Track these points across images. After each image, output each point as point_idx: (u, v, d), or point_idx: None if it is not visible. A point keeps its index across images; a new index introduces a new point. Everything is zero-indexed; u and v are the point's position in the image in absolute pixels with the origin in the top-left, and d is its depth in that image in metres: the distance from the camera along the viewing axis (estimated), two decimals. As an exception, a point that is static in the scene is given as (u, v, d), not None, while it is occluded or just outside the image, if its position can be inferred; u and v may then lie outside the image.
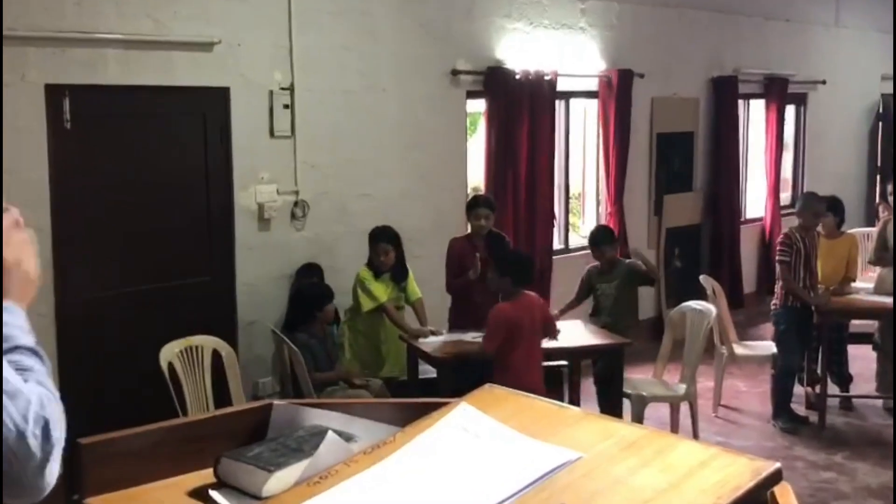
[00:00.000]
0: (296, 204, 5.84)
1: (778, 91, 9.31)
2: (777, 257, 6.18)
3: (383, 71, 6.19)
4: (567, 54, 7.36)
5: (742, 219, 9.23)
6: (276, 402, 1.67)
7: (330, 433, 1.46)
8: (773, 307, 6.28)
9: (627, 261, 6.02)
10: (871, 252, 6.56)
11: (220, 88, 5.47)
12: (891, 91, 11.19)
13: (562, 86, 7.23)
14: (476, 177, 7.36)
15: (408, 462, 1.38)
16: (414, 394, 4.96)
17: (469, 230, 5.79)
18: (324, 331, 5.36)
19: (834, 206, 6.49)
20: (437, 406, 1.52)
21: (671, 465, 1.35)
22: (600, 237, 5.99)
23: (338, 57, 5.94)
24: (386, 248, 5.55)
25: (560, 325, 5.50)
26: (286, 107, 5.72)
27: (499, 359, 4.82)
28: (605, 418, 1.52)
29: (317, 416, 1.63)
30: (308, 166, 5.88)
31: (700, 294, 6.81)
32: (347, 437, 1.53)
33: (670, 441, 1.42)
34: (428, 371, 5.44)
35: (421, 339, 5.38)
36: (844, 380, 6.63)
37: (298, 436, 1.56)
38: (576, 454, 1.38)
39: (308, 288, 5.44)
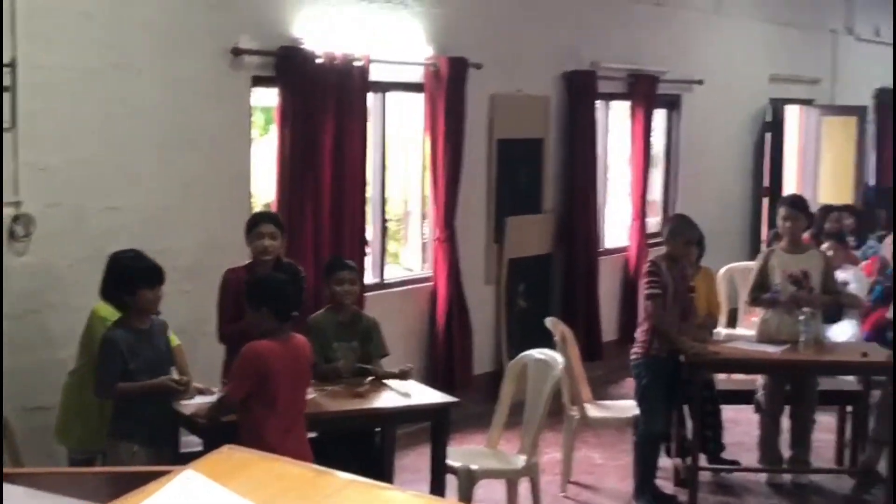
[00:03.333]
0: (16, 219, 5.62)
1: (645, 91, 9.76)
2: (645, 291, 6.43)
3: (138, 45, 6.08)
4: (384, 35, 7.46)
5: (601, 249, 9.60)
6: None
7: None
8: (633, 357, 6.53)
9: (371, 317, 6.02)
10: (749, 291, 6.93)
11: (-90, 61, 5.22)
12: (780, 95, 11.97)
13: (377, 75, 7.31)
14: (267, 191, 7.32)
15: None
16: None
17: (251, 259, 5.73)
18: (148, 323, 5.12)
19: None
20: (155, 476, 1.50)
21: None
22: (336, 263, 5.98)
23: (76, 25, 5.80)
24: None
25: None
26: (6, 90, 5.53)
27: (247, 418, 4.79)
28: (375, 486, 1.53)
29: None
30: (34, 169, 5.68)
31: (550, 341, 7.00)
32: (34, 519, 1.48)
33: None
34: (192, 443, 5.33)
35: (182, 401, 5.27)
36: (718, 449, 6.95)
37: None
38: (333, 533, 1.38)
39: (123, 259, 5.15)
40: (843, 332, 7.71)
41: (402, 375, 5.79)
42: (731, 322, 8.98)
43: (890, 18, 14.60)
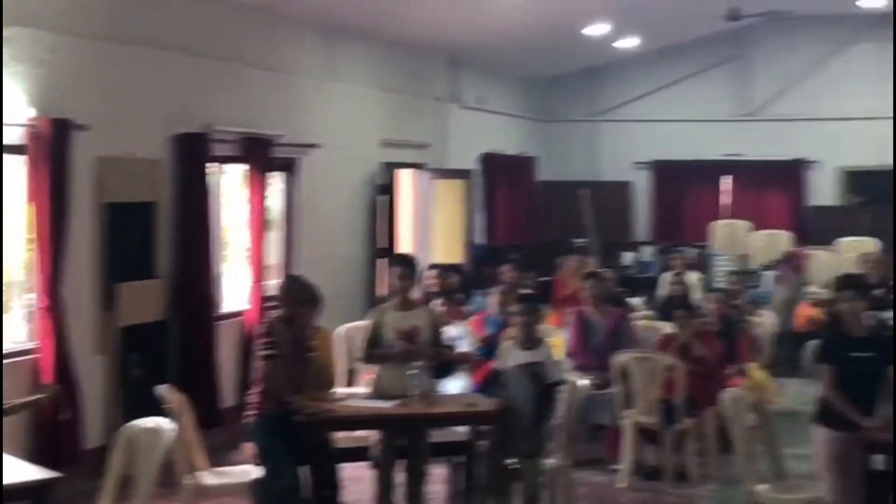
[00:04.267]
0: None
1: (260, 155, 9.80)
2: (261, 352, 6.42)
3: None
4: (-22, 95, 7.08)
5: (218, 313, 9.48)
6: None
7: None
8: (248, 419, 6.48)
9: None
10: (363, 349, 7.07)
11: None
12: (392, 159, 12.40)
13: (-30, 136, 6.92)
14: None
15: None
16: None
17: None
18: None
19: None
20: None
21: None
22: None
23: None
24: None
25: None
26: None
27: None
28: None
29: None
30: None
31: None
32: None
33: None
34: None
35: None
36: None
37: None
38: None
39: None
40: (453, 385, 8.03)
41: (48, 398, 5.52)
42: (350, 381, 9.10)
43: (493, 89, 15.63)
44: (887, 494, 6.19)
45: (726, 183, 17.03)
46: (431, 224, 12.77)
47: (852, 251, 13.87)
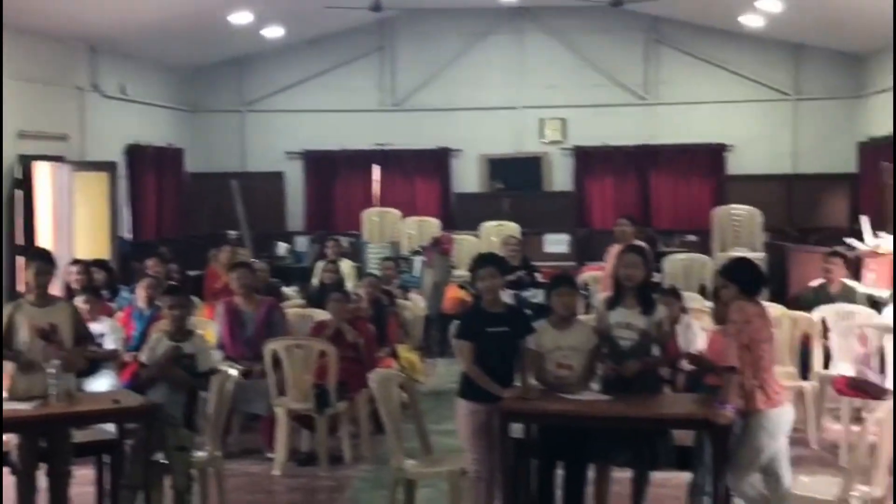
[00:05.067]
0: None
1: None
2: None
3: None
4: None
5: None
6: None
7: None
8: None
9: None
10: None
11: None
12: (29, 152, 11.83)
13: None
14: None
15: None
16: None
17: None
18: None
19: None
20: None
21: None
22: None
23: None
24: None
25: None
26: None
27: None
28: None
29: None
30: None
31: None
32: None
33: None
34: None
35: None
36: None
37: None
38: None
39: None
40: (101, 383, 7.79)
41: None
42: (-14, 386, 8.62)
43: (137, 78, 15.21)
44: (526, 460, 6.57)
45: (376, 172, 17.37)
46: (73, 219, 12.27)
47: (495, 235, 14.58)
